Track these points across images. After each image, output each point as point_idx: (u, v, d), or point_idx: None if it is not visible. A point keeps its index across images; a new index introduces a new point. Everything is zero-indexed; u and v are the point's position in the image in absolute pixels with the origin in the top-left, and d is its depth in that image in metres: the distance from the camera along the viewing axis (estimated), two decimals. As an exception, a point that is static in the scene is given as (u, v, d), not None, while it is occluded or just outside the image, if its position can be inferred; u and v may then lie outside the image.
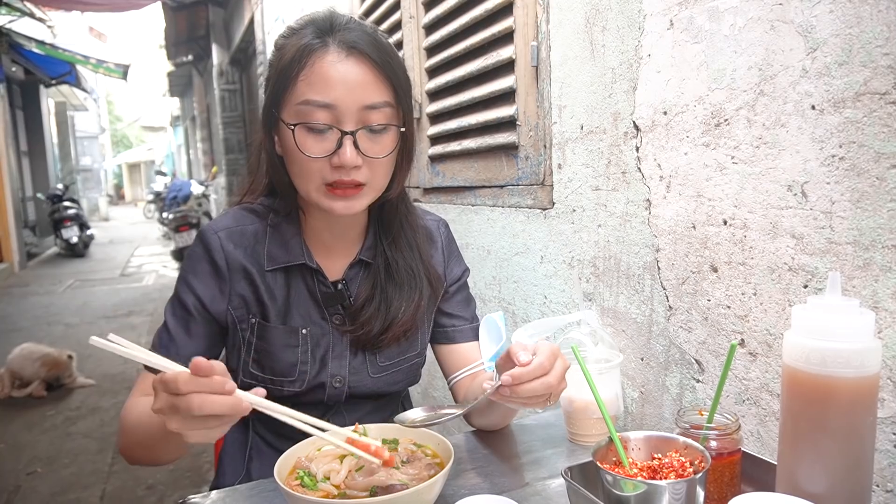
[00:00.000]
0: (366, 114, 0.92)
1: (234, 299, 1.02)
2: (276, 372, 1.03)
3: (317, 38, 0.93)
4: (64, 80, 11.06)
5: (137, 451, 0.96)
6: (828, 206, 0.83)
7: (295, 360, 1.03)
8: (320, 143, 0.92)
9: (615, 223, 1.24)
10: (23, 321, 6.14)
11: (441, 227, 1.20)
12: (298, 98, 0.92)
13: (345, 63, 0.91)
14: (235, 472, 1.11)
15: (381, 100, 0.93)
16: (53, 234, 11.43)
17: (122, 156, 34.99)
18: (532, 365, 0.80)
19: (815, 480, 0.67)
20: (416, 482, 0.81)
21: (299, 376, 1.03)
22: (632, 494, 0.70)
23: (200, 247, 1.03)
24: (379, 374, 1.08)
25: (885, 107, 0.75)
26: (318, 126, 0.91)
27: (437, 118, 2.00)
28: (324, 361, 1.05)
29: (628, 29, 1.16)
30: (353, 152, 0.91)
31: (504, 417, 1.08)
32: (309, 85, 0.91)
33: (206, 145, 12.90)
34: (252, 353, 1.03)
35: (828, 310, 0.67)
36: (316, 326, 1.05)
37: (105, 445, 3.31)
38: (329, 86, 0.90)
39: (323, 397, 1.05)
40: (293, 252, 1.03)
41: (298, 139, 0.92)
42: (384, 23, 2.38)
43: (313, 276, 1.05)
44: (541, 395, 0.82)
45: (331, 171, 0.93)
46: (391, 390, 1.11)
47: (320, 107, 0.90)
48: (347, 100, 0.91)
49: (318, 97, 0.90)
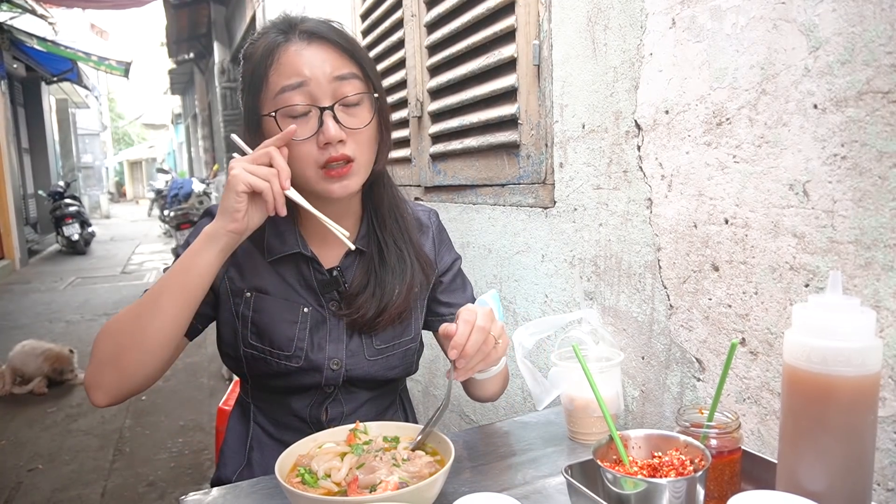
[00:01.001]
0: (338, 85, 0.97)
1: (231, 270, 1.07)
2: (275, 345, 1.06)
3: (279, 34, 0.99)
4: (65, 77, 11.05)
5: (116, 349, 0.92)
6: (829, 205, 0.83)
7: (293, 335, 1.06)
8: (303, 126, 0.97)
9: (616, 222, 1.24)
10: (24, 318, 6.15)
11: (432, 217, 1.24)
12: (274, 89, 0.97)
13: (308, 48, 0.98)
14: (236, 463, 1.13)
15: (348, 71, 0.98)
16: (55, 232, 11.44)
17: (123, 153, 34.99)
18: (459, 327, 0.88)
19: (816, 479, 0.67)
20: (417, 480, 0.81)
21: (296, 352, 1.06)
22: (632, 493, 0.70)
23: (209, 219, 1.07)
24: (375, 358, 1.10)
25: (887, 106, 0.75)
26: (298, 109, 0.97)
27: (439, 116, 2.00)
28: (321, 345, 1.08)
29: (630, 28, 1.16)
30: (335, 126, 0.96)
31: (493, 383, 1.11)
32: (280, 74, 0.97)
33: (208, 143, 12.90)
34: (250, 326, 1.07)
35: (829, 309, 0.67)
36: (315, 311, 1.08)
37: (106, 442, 3.32)
38: (298, 68, 0.96)
39: (321, 380, 1.08)
40: (289, 242, 1.08)
41: (283, 126, 0.96)
42: (385, 21, 2.38)
43: (309, 264, 1.08)
44: (487, 346, 0.90)
45: (319, 151, 0.97)
46: (388, 375, 1.13)
47: (294, 88, 0.96)
48: (318, 73, 0.96)
49: (291, 80, 0.96)
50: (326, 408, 1.10)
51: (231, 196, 0.90)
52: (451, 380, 0.91)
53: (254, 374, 1.10)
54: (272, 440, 1.12)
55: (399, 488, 0.78)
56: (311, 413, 1.10)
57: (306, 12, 1.06)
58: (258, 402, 1.15)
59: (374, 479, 0.81)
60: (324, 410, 1.10)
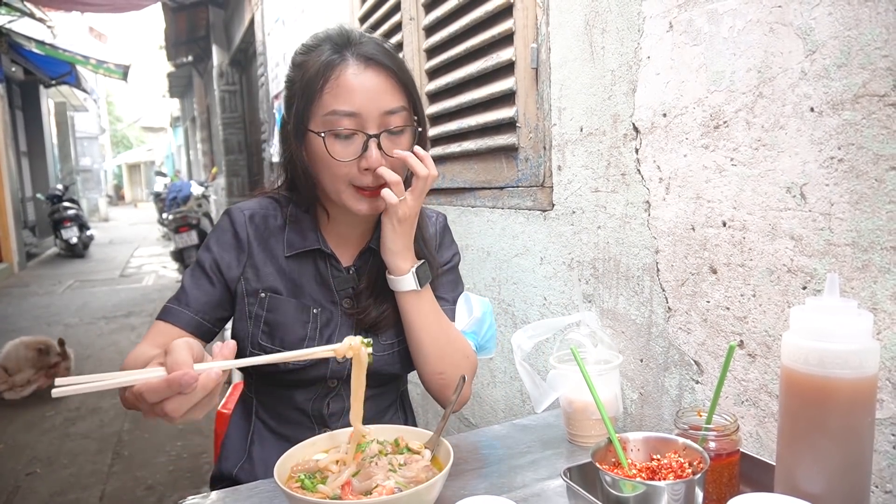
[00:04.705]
0: (386, 118, 1.02)
1: (248, 271, 1.11)
2: (286, 344, 1.09)
3: (335, 52, 1.02)
4: (64, 81, 11.05)
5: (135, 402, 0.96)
6: (827, 207, 0.83)
7: (304, 335, 1.10)
8: (347, 148, 1.01)
9: (615, 225, 1.24)
10: (22, 321, 6.14)
11: (439, 218, 1.27)
12: (325, 109, 1.01)
13: (364, 74, 1.01)
14: (237, 457, 1.16)
15: (398, 105, 1.03)
16: (53, 235, 11.42)
17: (121, 156, 34.98)
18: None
19: (814, 481, 0.68)
20: (415, 484, 0.81)
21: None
22: (631, 495, 0.70)
23: (227, 220, 1.13)
24: (380, 353, 1.13)
25: (883, 109, 0.76)
26: (345, 132, 1.01)
27: (437, 120, 2.01)
28: (330, 341, 1.10)
29: (628, 31, 1.16)
30: (377, 154, 1.01)
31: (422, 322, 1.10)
32: (334, 97, 1.00)
33: (206, 146, 12.90)
34: (262, 326, 1.10)
35: (826, 311, 0.67)
36: (325, 310, 1.12)
37: (104, 446, 3.31)
38: (352, 95, 1.00)
39: (326, 373, 1.10)
40: (309, 239, 1.12)
41: (329, 146, 1.01)
42: (384, 24, 2.38)
43: (327, 260, 1.13)
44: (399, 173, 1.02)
45: (358, 173, 1.02)
46: (390, 371, 1.15)
47: (346, 115, 1.00)
48: (370, 106, 1.00)
49: (344, 107, 1.00)
50: (328, 402, 1.13)
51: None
52: (462, 379, 0.97)
53: (260, 370, 1.12)
54: (273, 434, 1.16)
55: (394, 493, 0.78)
56: (313, 406, 1.13)
57: (305, 14, 1.07)
58: (261, 395, 1.17)
59: (370, 485, 0.80)
60: (326, 405, 1.13)
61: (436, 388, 1.13)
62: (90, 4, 7.94)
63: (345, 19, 2.84)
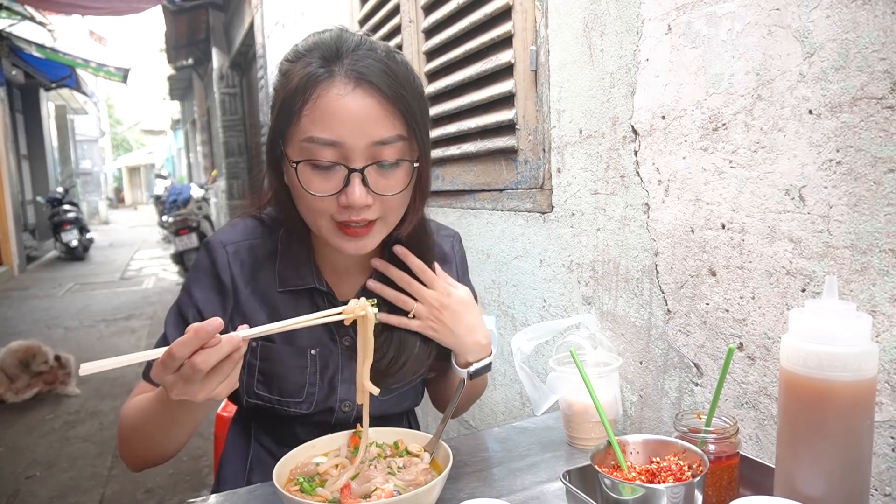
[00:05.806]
0: (376, 150, 0.86)
1: (236, 319, 0.98)
2: (285, 392, 1.00)
3: (322, 66, 0.85)
4: (64, 84, 11.06)
5: (139, 445, 0.94)
6: (825, 210, 0.83)
7: (303, 381, 1.00)
8: (326, 182, 0.86)
9: (614, 227, 1.25)
10: (22, 324, 6.14)
11: (455, 245, 1.16)
12: (302, 134, 0.85)
13: (352, 96, 0.84)
14: (236, 482, 1.07)
15: (392, 134, 0.86)
16: (53, 238, 11.43)
17: (122, 159, 35.00)
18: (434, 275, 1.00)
19: (813, 484, 0.68)
20: (414, 487, 0.81)
21: (307, 398, 1.01)
22: (630, 498, 0.70)
23: (207, 259, 0.99)
24: (387, 397, 1.04)
25: (881, 111, 0.76)
26: (324, 163, 0.85)
27: (437, 122, 2.01)
28: (332, 384, 1.01)
29: (627, 34, 1.16)
30: (361, 191, 0.85)
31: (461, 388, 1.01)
32: (313, 121, 0.84)
33: (207, 149, 12.90)
34: (257, 375, 1.00)
35: (825, 313, 0.67)
36: (325, 348, 1.01)
37: (104, 449, 3.31)
38: (334, 122, 0.83)
39: (331, 420, 1.02)
40: (304, 275, 1.00)
41: (303, 177, 0.86)
42: (384, 27, 2.39)
43: (323, 297, 1.01)
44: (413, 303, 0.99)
45: (339, 209, 0.87)
46: (398, 410, 1.10)
47: (325, 144, 0.84)
48: (355, 137, 0.84)
49: (323, 135, 0.84)
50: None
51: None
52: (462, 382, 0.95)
53: (259, 416, 1.06)
54: (274, 460, 1.06)
55: (393, 496, 0.78)
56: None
57: (305, 17, 1.04)
58: (260, 424, 1.09)
59: (369, 488, 0.80)
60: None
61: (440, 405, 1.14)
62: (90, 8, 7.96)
63: (345, 22, 2.84)
